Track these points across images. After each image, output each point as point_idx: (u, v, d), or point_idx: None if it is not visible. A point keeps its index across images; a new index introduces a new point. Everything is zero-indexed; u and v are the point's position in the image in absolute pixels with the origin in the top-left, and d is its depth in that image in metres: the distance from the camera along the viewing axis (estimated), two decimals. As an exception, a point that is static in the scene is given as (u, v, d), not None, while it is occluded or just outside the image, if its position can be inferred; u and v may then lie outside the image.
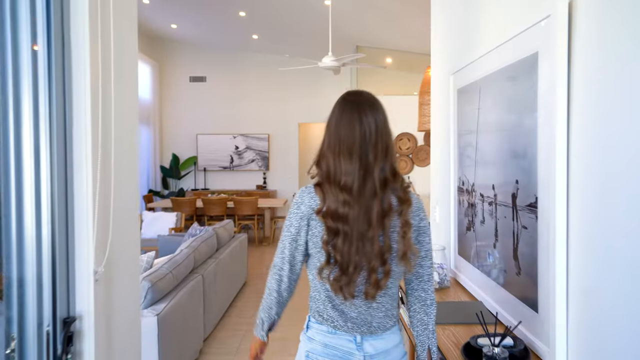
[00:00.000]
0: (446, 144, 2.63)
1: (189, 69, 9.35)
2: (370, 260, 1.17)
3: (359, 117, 1.24)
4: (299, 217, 1.25)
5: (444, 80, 2.65)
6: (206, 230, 4.30)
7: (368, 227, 1.16)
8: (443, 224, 2.79)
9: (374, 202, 1.17)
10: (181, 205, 7.19)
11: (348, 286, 1.17)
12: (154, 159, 8.88)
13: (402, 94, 7.76)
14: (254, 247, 7.24)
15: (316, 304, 1.30)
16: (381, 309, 1.25)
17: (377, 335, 1.24)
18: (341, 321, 1.24)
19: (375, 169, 1.18)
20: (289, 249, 1.30)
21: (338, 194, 1.18)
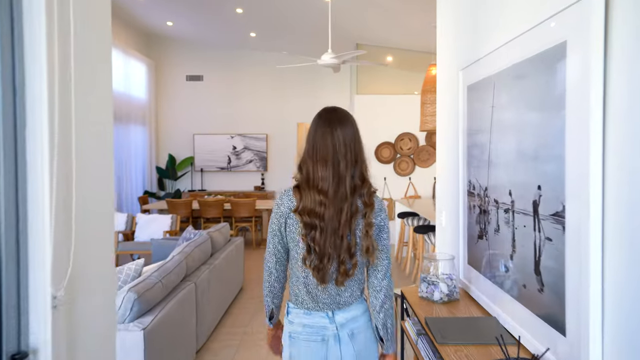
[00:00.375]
0: (454, 144, 2.46)
1: (186, 68, 9.17)
2: (340, 254, 1.39)
3: (331, 131, 1.43)
4: (279, 215, 1.48)
5: (452, 77, 2.47)
6: (200, 235, 4.12)
7: (338, 226, 1.38)
8: (450, 230, 2.62)
9: (345, 205, 1.39)
10: (177, 207, 7.01)
11: (324, 273, 1.39)
12: (149, 160, 8.70)
13: (403, 93, 7.59)
14: (251, 251, 7.07)
15: (293, 290, 1.51)
16: (348, 291, 1.48)
17: (345, 309, 1.48)
18: (313, 303, 1.46)
19: (346, 176, 1.40)
20: (273, 243, 1.51)
21: (315, 195, 1.39)
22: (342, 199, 1.40)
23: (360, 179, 1.46)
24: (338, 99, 9.18)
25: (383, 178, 7.55)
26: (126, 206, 7.68)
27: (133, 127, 8.01)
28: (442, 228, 2.79)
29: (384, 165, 7.54)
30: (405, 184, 7.53)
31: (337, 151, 1.43)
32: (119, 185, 7.46)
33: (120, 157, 7.54)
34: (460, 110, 2.30)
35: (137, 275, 2.81)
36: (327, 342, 1.45)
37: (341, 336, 1.46)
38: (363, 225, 1.43)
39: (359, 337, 1.48)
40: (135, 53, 8.08)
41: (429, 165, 7.48)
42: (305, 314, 1.47)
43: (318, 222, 1.38)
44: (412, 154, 7.48)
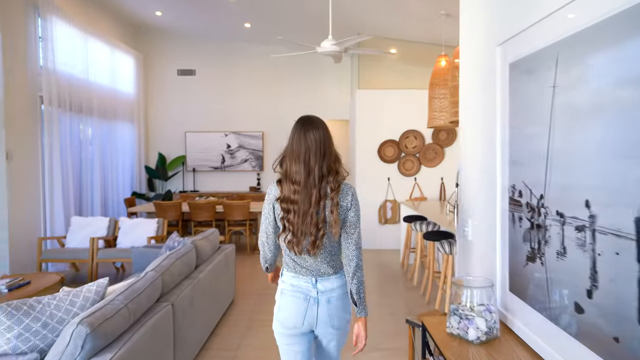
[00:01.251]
0: (487, 139, 1.97)
1: (177, 61, 8.67)
2: (310, 229, 1.72)
3: (305, 135, 1.77)
4: (268, 201, 1.83)
5: (486, 55, 1.99)
6: (184, 244, 3.63)
7: (309, 207, 1.72)
8: (480, 246, 2.13)
9: (314, 191, 1.73)
10: (165, 209, 6.52)
11: (297, 245, 1.74)
12: (138, 159, 8.20)
13: (408, 87, 7.10)
14: (245, 256, 6.58)
15: (284, 259, 1.86)
16: (324, 261, 1.80)
17: (325, 278, 1.81)
18: (299, 268, 1.82)
19: (315, 168, 1.74)
20: (265, 223, 1.85)
21: (290, 186, 1.75)
22: (311, 186, 1.73)
23: (327, 169, 1.76)
24: (338, 94, 8.70)
25: (387, 178, 7.07)
26: (112, 209, 7.18)
27: (120, 124, 7.51)
28: (468, 242, 2.31)
29: (387, 165, 7.06)
30: (410, 184, 7.05)
31: (309, 149, 1.75)
32: (104, 187, 6.96)
33: (105, 155, 7.04)
34: (498, 96, 1.82)
35: (98, 299, 2.32)
36: (308, 301, 1.80)
37: (320, 300, 1.80)
38: (330, 205, 1.74)
39: (334, 303, 1.81)
40: (122, 45, 7.57)
41: (436, 164, 7.00)
42: (293, 277, 1.84)
43: (292, 207, 1.74)
44: (418, 152, 7.00)
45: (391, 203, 7.02)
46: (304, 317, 1.80)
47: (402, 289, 4.91)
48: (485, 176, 2.03)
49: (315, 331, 1.84)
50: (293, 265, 1.83)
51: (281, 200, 1.76)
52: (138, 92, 8.23)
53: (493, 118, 1.89)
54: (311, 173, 1.74)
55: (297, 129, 1.81)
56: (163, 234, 5.51)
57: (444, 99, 5.58)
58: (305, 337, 1.85)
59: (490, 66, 1.91)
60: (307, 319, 1.80)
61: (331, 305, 1.80)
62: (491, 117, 1.92)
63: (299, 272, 1.82)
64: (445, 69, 5.55)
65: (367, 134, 7.04)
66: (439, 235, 4.36)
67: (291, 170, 1.76)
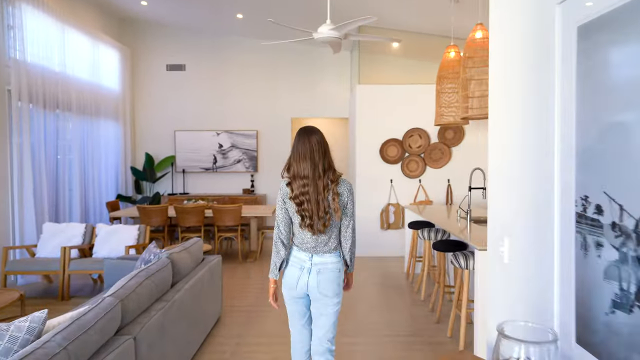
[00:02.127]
0: (536, 131, 1.48)
1: (166, 56, 8.16)
2: (319, 213, 2.17)
3: (308, 139, 2.22)
4: (281, 196, 2.26)
5: (535, 20, 1.50)
6: (158, 258, 3.14)
7: (317, 195, 2.17)
8: (521, 271, 1.64)
9: (320, 182, 2.18)
10: (150, 214, 6.02)
11: (313, 227, 2.18)
12: (124, 159, 7.69)
13: (412, 82, 6.62)
14: (237, 265, 6.08)
15: (295, 239, 2.31)
16: (323, 242, 2.24)
17: (320, 255, 2.24)
18: (303, 246, 2.26)
19: (319, 164, 2.19)
20: (281, 214, 2.28)
21: (300, 181, 2.18)
22: (317, 178, 2.19)
23: (327, 165, 2.23)
24: (337, 91, 8.21)
25: (389, 180, 6.58)
26: (94, 214, 6.68)
27: (103, 121, 7.01)
28: (503, 265, 1.81)
29: (390, 166, 6.57)
30: (415, 187, 6.56)
31: (312, 149, 2.21)
32: (84, 189, 6.45)
33: (86, 155, 6.53)
34: (557, 72, 1.33)
35: (32, 338, 1.82)
36: (302, 270, 2.25)
37: (312, 270, 2.24)
38: (331, 194, 2.20)
39: (323, 274, 2.23)
40: (106, 38, 7.07)
41: (442, 165, 6.51)
42: (297, 251, 2.29)
43: (305, 197, 2.18)
44: (423, 152, 6.51)
45: (394, 207, 6.53)
46: (297, 281, 2.25)
47: (407, 303, 4.42)
48: (532, 181, 1.54)
49: (309, 295, 2.28)
50: (299, 243, 2.28)
51: (294, 198, 2.20)
52: (124, 88, 7.72)
53: (546, 103, 1.39)
54: (316, 168, 2.19)
55: (300, 136, 2.25)
56: (145, 242, 5.01)
57: (454, 93, 5.09)
58: (301, 300, 2.31)
59: (544, 34, 1.42)
60: (299, 284, 2.25)
61: (321, 276, 2.23)
62: (542, 101, 1.43)
63: (301, 248, 2.27)
64: (454, 60, 5.06)
65: (368, 132, 6.55)
66: (451, 245, 3.87)
67: (299, 169, 2.19)
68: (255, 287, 5.00)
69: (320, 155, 2.19)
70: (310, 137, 2.21)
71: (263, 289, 4.92)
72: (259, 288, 4.97)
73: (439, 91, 5.26)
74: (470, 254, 3.37)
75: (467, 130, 6.49)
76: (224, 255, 6.70)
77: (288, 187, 2.21)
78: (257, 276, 5.50)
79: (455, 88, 5.06)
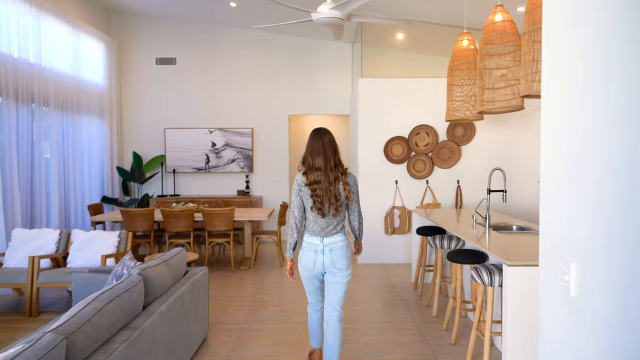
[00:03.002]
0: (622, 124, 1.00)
1: (155, 49, 7.68)
2: (330, 199, 2.62)
3: (321, 138, 2.70)
4: (297, 185, 2.71)
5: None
6: (129, 274, 2.66)
7: (329, 185, 2.62)
8: (593, 312, 1.16)
9: (331, 174, 2.63)
10: (134, 219, 5.53)
11: (322, 210, 2.62)
12: (109, 159, 7.20)
13: (419, 75, 6.14)
14: (229, 274, 5.59)
15: (307, 225, 2.74)
16: (332, 225, 2.69)
17: (329, 237, 2.68)
18: (314, 230, 2.70)
19: (331, 159, 2.65)
20: (296, 200, 2.72)
21: (314, 172, 2.64)
22: (329, 170, 2.65)
23: (337, 161, 2.70)
24: (337, 86, 7.74)
25: (394, 182, 6.10)
26: (76, 218, 6.19)
27: (86, 118, 6.52)
28: (567, 299, 1.34)
29: (395, 166, 6.09)
30: (421, 188, 6.08)
31: (325, 146, 2.68)
32: (64, 192, 5.96)
33: (67, 154, 6.04)
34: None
35: None
36: (316, 252, 2.69)
37: (325, 251, 2.68)
38: (342, 184, 2.67)
39: (335, 252, 2.68)
40: (89, 28, 6.58)
41: (451, 165, 6.04)
42: (309, 236, 2.73)
43: (318, 186, 2.63)
44: (430, 151, 6.04)
45: (399, 210, 6.06)
46: (314, 263, 2.70)
47: (417, 321, 3.94)
48: (618, 189, 1.06)
49: (324, 274, 2.73)
50: (311, 228, 2.71)
51: (309, 184, 2.65)
52: (110, 82, 7.23)
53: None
54: (328, 162, 2.65)
55: (315, 135, 2.72)
56: (126, 250, 4.52)
57: (468, 85, 4.62)
58: (317, 277, 2.79)
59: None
60: (316, 264, 2.70)
61: (333, 253, 2.68)
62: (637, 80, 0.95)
63: (312, 234, 2.71)
64: (468, 50, 4.58)
65: (371, 130, 6.07)
66: (469, 256, 3.39)
67: (314, 162, 2.66)
68: (248, 300, 4.52)
69: (332, 152, 2.67)
70: (323, 137, 2.70)
71: (256, 303, 4.44)
72: (252, 301, 4.49)
73: (450, 84, 4.79)
74: (495, 268, 2.89)
75: (478, 127, 6.02)
76: (215, 262, 6.22)
77: (304, 177, 2.68)
78: (250, 287, 5.02)
79: (471, 79, 4.58)
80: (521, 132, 6.04)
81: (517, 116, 6.03)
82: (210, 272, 5.66)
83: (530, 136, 6.03)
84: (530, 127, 6.02)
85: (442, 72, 6.28)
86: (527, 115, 6.01)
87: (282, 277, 5.42)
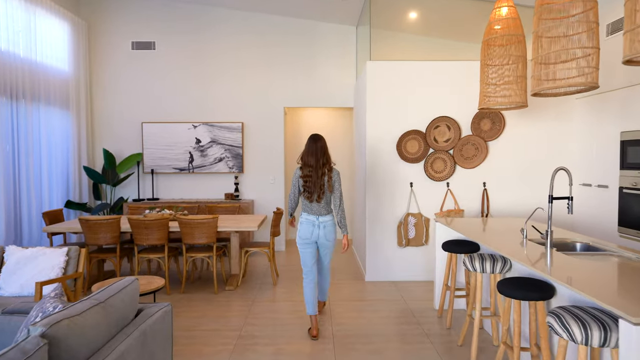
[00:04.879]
0: None
1: (131, 32, 6.70)
2: (317, 190, 3.51)
3: (315, 143, 3.55)
4: (295, 177, 3.61)
5: None
6: (27, 335, 1.70)
7: (317, 178, 3.50)
8: None
9: (319, 170, 3.52)
10: (96, 229, 4.56)
11: (311, 197, 3.52)
12: (76, 157, 6.22)
13: (439, 58, 5.20)
14: (211, 297, 4.62)
15: (302, 207, 3.62)
16: (323, 207, 3.57)
17: (322, 216, 3.57)
18: (309, 210, 3.57)
19: (320, 159, 3.52)
20: (292, 188, 3.64)
21: (307, 168, 3.53)
22: (318, 167, 3.52)
23: (325, 161, 3.56)
24: (339, 76, 6.79)
25: (408, 184, 5.15)
26: (30, 229, 5.20)
27: (45, 109, 5.54)
28: None
29: (409, 166, 5.14)
30: (440, 192, 5.14)
31: (317, 149, 3.54)
32: (14, 196, 4.98)
33: (19, 151, 5.06)
34: None
35: None
36: (314, 226, 3.56)
37: (320, 226, 3.56)
38: (327, 179, 3.53)
39: (327, 228, 3.59)
40: (50, 4, 5.60)
41: (476, 165, 5.10)
42: (307, 215, 3.59)
43: (309, 179, 3.52)
44: (452, 148, 5.10)
45: (415, 218, 5.11)
46: (311, 234, 3.57)
47: None
48: None
49: (317, 242, 3.62)
50: (307, 209, 3.60)
51: (303, 177, 3.56)
52: (77, 69, 6.26)
53: None
54: (318, 161, 3.54)
55: (311, 140, 3.59)
56: (78, 272, 3.55)
57: (509, 64, 3.68)
58: (312, 245, 3.62)
59: None
60: (313, 235, 3.58)
61: (325, 229, 3.59)
62: None
63: (309, 213, 3.59)
64: (510, 19, 3.64)
65: (381, 122, 5.13)
66: (531, 288, 2.45)
67: (308, 160, 3.55)
68: (232, 335, 3.56)
69: (321, 154, 3.57)
70: (316, 142, 3.59)
71: (242, 340, 3.48)
72: (236, 337, 3.53)
73: (484, 63, 3.85)
74: (588, 318, 1.95)
75: (509, 119, 5.08)
76: (197, 279, 5.25)
77: (300, 170, 3.60)
78: (236, 315, 4.05)
79: (510, 57, 3.64)
80: (559, 125, 5.11)
81: (554, 106, 5.10)
82: (189, 293, 4.70)
83: (571, 130, 5.10)
84: (569, 118, 5.09)
85: (466, 56, 5.35)
86: (566, 103, 5.08)
87: (276, 300, 4.46)
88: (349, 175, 7.70)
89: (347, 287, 4.88)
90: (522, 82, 3.62)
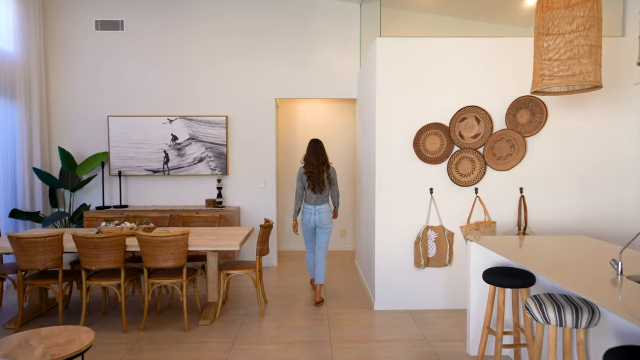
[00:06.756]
0: None
1: (95, 9, 5.68)
2: (319, 184, 4.30)
3: (315, 145, 4.37)
4: (299, 174, 4.39)
5: None
6: None
7: (319, 175, 4.30)
8: None
9: (320, 168, 4.32)
10: (30, 250, 3.55)
11: (314, 189, 4.30)
12: (26, 157, 5.20)
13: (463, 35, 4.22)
14: (179, 336, 3.62)
15: (306, 199, 4.39)
16: (320, 198, 4.35)
17: (320, 206, 4.36)
18: (309, 200, 4.36)
19: (320, 158, 4.33)
20: (298, 184, 4.38)
21: (309, 166, 4.32)
22: (319, 165, 4.30)
23: (323, 160, 4.32)
24: (340, 63, 5.81)
25: (428, 190, 4.17)
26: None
27: (-18, 99, 4.52)
28: None
29: (428, 167, 4.16)
30: (467, 200, 4.16)
31: (317, 151, 4.32)
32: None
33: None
34: None
35: None
36: (312, 214, 4.33)
37: (316, 213, 4.33)
38: (326, 175, 4.32)
39: (322, 214, 4.34)
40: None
41: (511, 166, 4.13)
42: (307, 205, 4.37)
43: (311, 175, 4.29)
44: (481, 145, 4.12)
45: (436, 232, 4.13)
46: (309, 220, 4.35)
47: None
48: None
49: (316, 228, 4.37)
50: (308, 200, 4.31)
51: (306, 172, 4.27)
52: (26, 51, 5.24)
53: None
54: (318, 160, 4.28)
55: (311, 144, 4.36)
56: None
57: (577, 33, 2.71)
58: (311, 230, 4.45)
59: None
60: (311, 221, 4.34)
61: (321, 215, 4.31)
62: None
63: (308, 203, 4.32)
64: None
65: (393, 114, 4.15)
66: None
67: (310, 160, 4.30)
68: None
69: (320, 155, 4.30)
70: (316, 145, 4.34)
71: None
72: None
73: (539, 33, 2.89)
74: None
75: (552, 110, 4.12)
76: (165, 309, 4.24)
77: (303, 168, 4.32)
78: None
79: (578, 25, 2.67)
80: (613, 117, 4.14)
81: (606, 94, 4.13)
82: (151, 330, 3.69)
83: (628, 122, 4.14)
84: (626, 109, 4.13)
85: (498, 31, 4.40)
86: (622, 90, 4.12)
87: (262, 342, 3.46)
88: (351, 177, 6.72)
89: (352, 321, 3.90)
90: (596, 53, 2.65)
